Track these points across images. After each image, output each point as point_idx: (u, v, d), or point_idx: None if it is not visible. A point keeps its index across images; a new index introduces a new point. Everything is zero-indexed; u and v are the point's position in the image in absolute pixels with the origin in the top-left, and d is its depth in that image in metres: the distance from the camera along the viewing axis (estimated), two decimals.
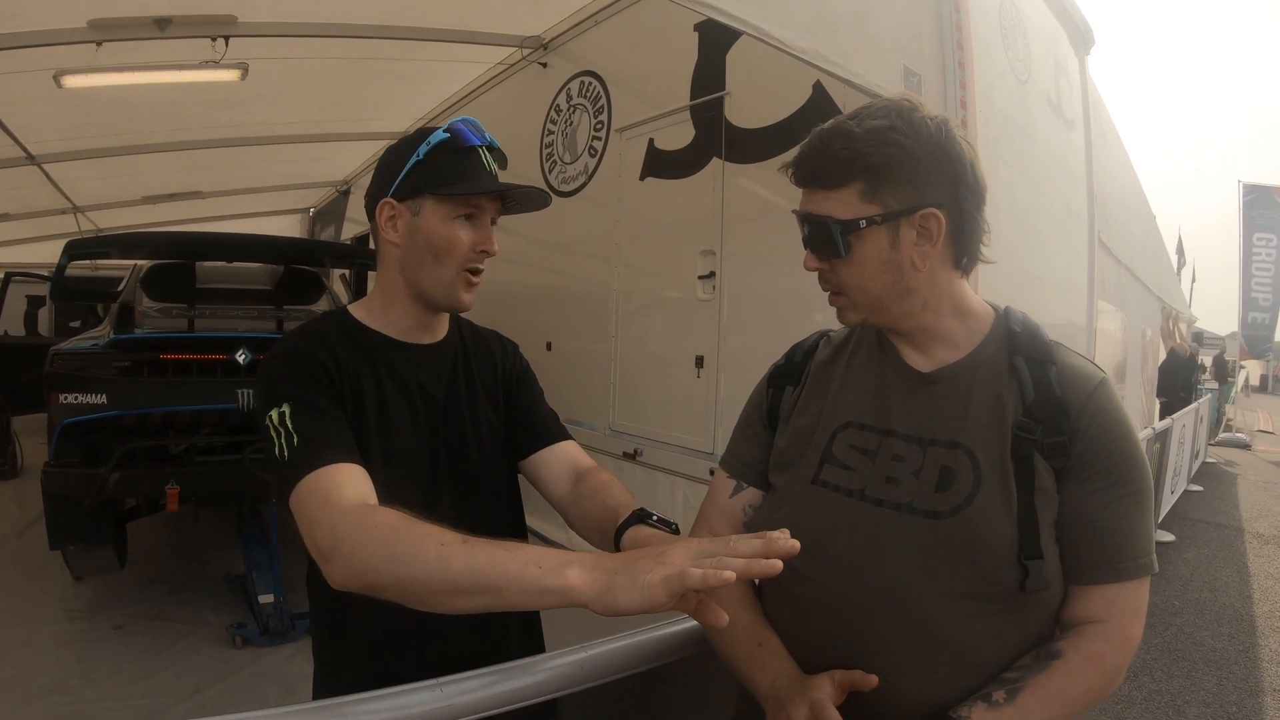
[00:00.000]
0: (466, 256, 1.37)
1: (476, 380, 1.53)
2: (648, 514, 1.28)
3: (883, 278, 1.12)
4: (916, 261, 1.12)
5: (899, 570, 1.08)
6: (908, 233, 1.10)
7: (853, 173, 1.09)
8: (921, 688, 1.06)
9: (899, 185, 1.09)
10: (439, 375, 1.47)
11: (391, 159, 1.40)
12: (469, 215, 1.36)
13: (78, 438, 4.00)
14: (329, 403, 1.27)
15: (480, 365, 1.55)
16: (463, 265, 1.37)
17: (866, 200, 1.09)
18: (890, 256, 1.11)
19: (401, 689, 1.17)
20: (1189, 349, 14.40)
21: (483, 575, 0.96)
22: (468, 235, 1.36)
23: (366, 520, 1.06)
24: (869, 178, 1.09)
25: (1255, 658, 4.63)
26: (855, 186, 1.10)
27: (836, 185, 1.11)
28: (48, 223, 10.60)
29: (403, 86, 7.51)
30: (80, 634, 4.12)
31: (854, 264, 1.13)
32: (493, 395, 1.55)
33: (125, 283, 5.36)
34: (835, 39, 2.91)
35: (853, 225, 1.10)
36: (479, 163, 1.37)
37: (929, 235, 1.11)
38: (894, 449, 1.15)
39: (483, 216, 1.38)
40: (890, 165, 1.08)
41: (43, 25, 4.94)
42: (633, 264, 5.63)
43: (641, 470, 5.24)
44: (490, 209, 1.39)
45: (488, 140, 1.39)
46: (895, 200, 1.09)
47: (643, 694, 1.44)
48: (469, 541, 0.99)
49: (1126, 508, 1.08)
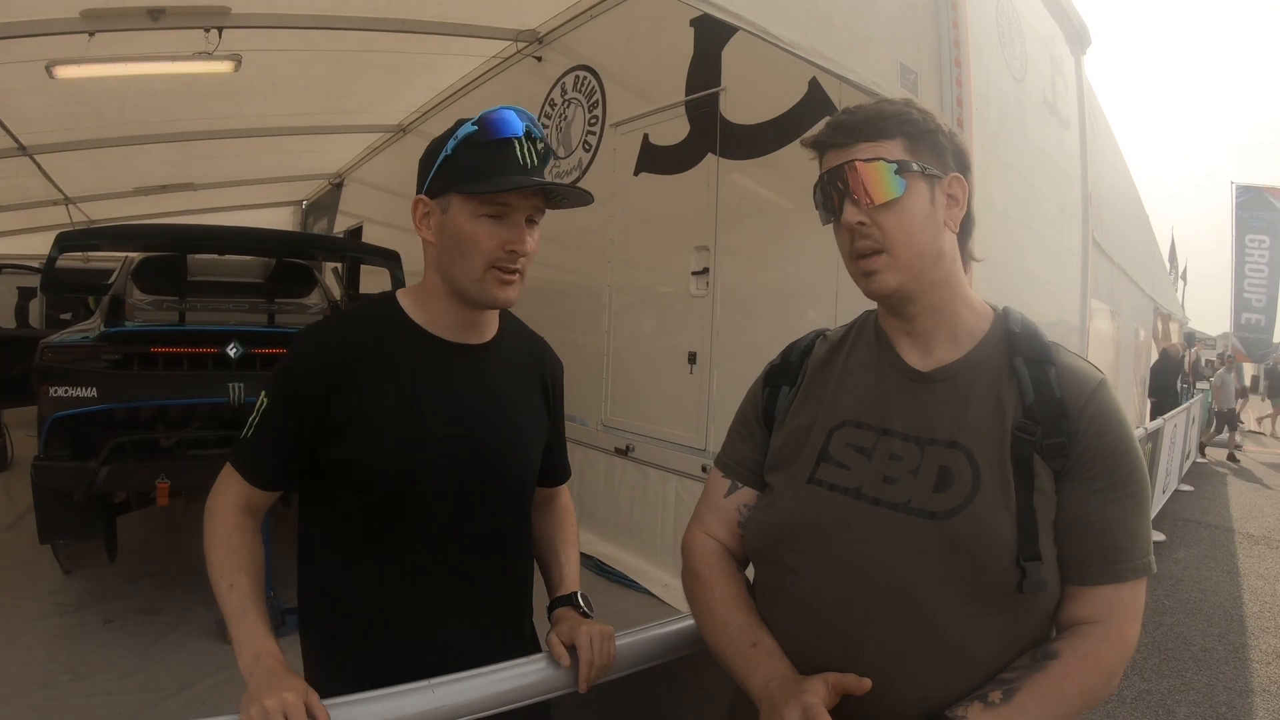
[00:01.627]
0: (493, 255, 1.30)
1: (521, 388, 1.52)
2: (575, 600, 1.47)
3: (926, 231, 1.14)
4: (950, 223, 1.16)
5: (895, 570, 1.08)
6: (940, 196, 1.15)
7: (896, 127, 1.13)
8: (917, 688, 1.06)
9: (930, 151, 1.14)
10: (476, 377, 1.43)
11: (426, 155, 1.37)
12: (496, 214, 1.30)
13: (67, 431, 3.95)
14: (294, 417, 1.35)
15: (528, 375, 1.54)
16: (490, 263, 1.31)
17: (909, 154, 1.13)
18: (930, 212, 1.14)
19: (393, 690, 1.17)
20: (1180, 350, 14.45)
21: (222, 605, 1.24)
22: (495, 233, 1.30)
23: (215, 523, 1.34)
24: (910, 134, 1.13)
25: (1245, 657, 4.65)
26: (899, 140, 1.13)
27: (882, 136, 1.13)
28: (39, 214, 10.55)
29: (396, 79, 7.49)
30: (70, 628, 4.09)
31: (903, 211, 1.12)
32: (533, 408, 1.54)
33: (116, 275, 5.32)
34: (832, 36, 2.90)
35: (907, 165, 1.12)
36: (510, 156, 1.30)
37: (956, 201, 1.16)
38: (891, 448, 1.14)
39: (513, 214, 1.31)
40: (924, 130, 1.14)
41: (35, 15, 4.91)
42: (626, 259, 5.62)
43: (633, 466, 5.24)
44: (523, 206, 1.31)
45: (520, 131, 1.31)
46: (930, 162, 1.14)
47: (636, 694, 1.44)
48: (234, 587, 1.25)
49: (1125, 509, 1.07)
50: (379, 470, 1.34)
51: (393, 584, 1.39)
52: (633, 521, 5.16)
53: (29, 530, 4.33)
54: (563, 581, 1.54)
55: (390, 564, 1.39)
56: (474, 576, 1.44)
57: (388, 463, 1.34)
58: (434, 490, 1.38)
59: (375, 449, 1.34)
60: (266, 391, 1.36)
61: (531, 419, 1.53)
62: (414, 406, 1.36)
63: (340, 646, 1.43)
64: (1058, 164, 5.51)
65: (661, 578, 4.83)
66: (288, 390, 1.35)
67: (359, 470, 1.35)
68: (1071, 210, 5.74)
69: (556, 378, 1.62)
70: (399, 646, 1.39)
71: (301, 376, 1.35)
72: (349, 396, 1.33)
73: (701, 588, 1.27)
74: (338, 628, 1.43)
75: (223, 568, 1.24)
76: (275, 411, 1.34)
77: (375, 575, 1.39)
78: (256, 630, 1.16)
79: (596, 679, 1.30)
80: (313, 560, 1.46)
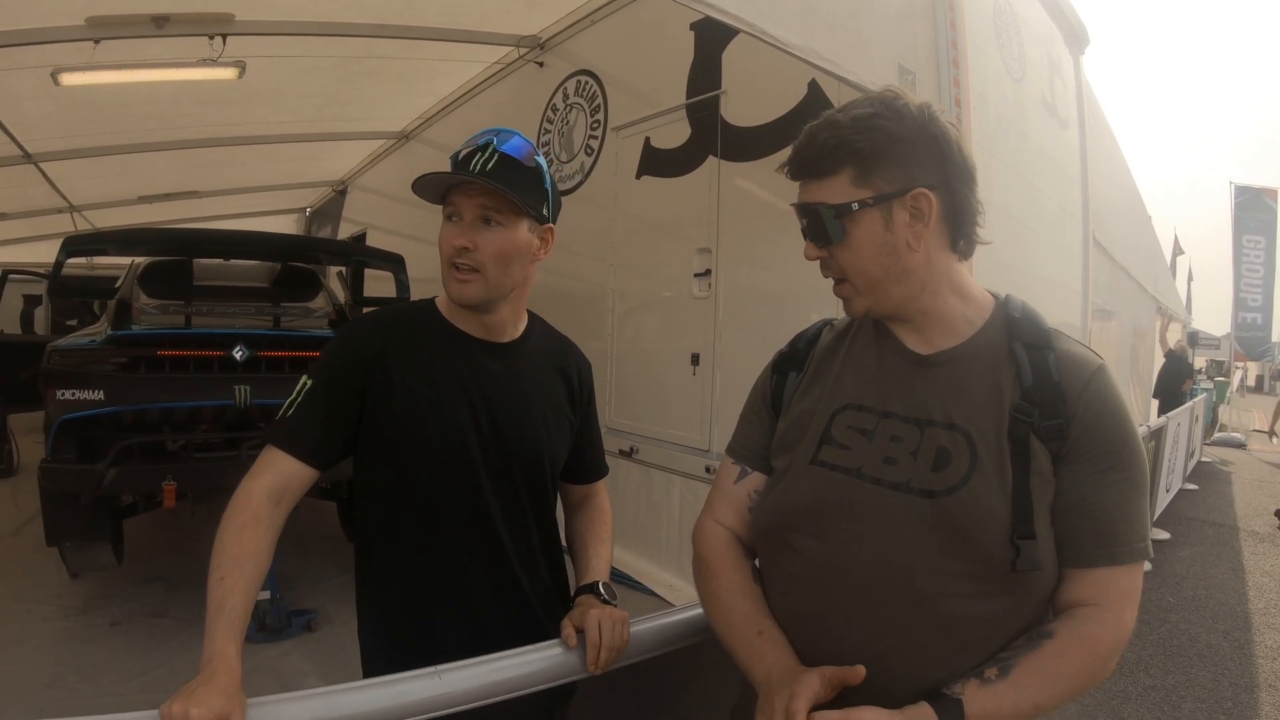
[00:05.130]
0: (448, 254, 1.44)
1: (545, 384, 1.60)
2: (596, 587, 1.52)
3: (881, 260, 1.15)
4: (911, 242, 1.14)
5: (895, 548, 1.09)
6: (900, 214, 1.13)
7: (841, 159, 1.13)
8: (914, 664, 1.07)
9: (887, 168, 1.12)
10: (501, 373, 1.53)
11: None
12: (450, 215, 1.45)
13: (75, 434, 3.98)
14: (337, 398, 1.43)
15: (553, 372, 1.63)
16: (448, 262, 1.45)
17: (857, 185, 1.13)
18: (885, 239, 1.14)
19: (400, 676, 1.19)
20: (1184, 351, 14.43)
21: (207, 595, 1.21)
22: (448, 234, 1.45)
23: (237, 509, 1.32)
24: (858, 163, 1.12)
25: (1250, 654, 4.65)
26: (845, 173, 1.13)
27: (827, 173, 1.14)
28: (44, 222, 10.60)
29: (400, 86, 7.51)
30: (77, 630, 4.11)
31: (850, 248, 1.15)
32: (557, 403, 1.61)
33: (122, 280, 5.35)
34: (831, 37, 2.93)
35: (845, 209, 1.13)
36: (464, 162, 1.44)
37: (921, 216, 1.13)
38: (892, 430, 1.16)
39: (462, 215, 1.44)
40: (877, 149, 1.12)
41: (41, 23, 4.94)
42: (629, 262, 5.64)
43: (638, 468, 5.25)
44: (468, 205, 1.43)
45: (482, 142, 1.44)
46: (885, 183, 1.12)
47: (653, 678, 1.46)
48: (223, 580, 1.21)
49: (1122, 492, 1.08)
50: (408, 457, 1.45)
51: (419, 565, 1.49)
52: (637, 523, 5.17)
53: (36, 534, 4.35)
54: (587, 571, 1.60)
55: (418, 546, 1.48)
56: (498, 563, 1.52)
57: (417, 450, 1.45)
58: (460, 475, 1.47)
59: (406, 437, 1.44)
60: (310, 374, 1.44)
61: (555, 414, 1.60)
62: (442, 397, 1.46)
63: (376, 630, 1.53)
64: (1057, 163, 5.53)
65: (666, 579, 4.84)
66: (331, 374, 1.44)
67: (390, 456, 1.46)
68: (1071, 210, 5.75)
69: (584, 376, 1.70)
70: (428, 631, 1.48)
71: (344, 363, 1.45)
72: (384, 386, 1.44)
73: (709, 575, 1.29)
74: (377, 610, 1.54)
75: (221, 558, 1.24)
76: (317, 390, 1.42)
77: (405, 558, 1.49)
78: (223, 631, 1.16)
79: (609, 662, 1.33)
80: (359, 544, 1.57)
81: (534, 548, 1.58)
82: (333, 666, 3.67)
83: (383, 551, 1.52)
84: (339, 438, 1.44)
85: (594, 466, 1.77)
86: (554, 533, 1.65)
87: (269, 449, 1.39)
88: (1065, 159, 5.74)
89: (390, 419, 1.44)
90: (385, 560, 1.51)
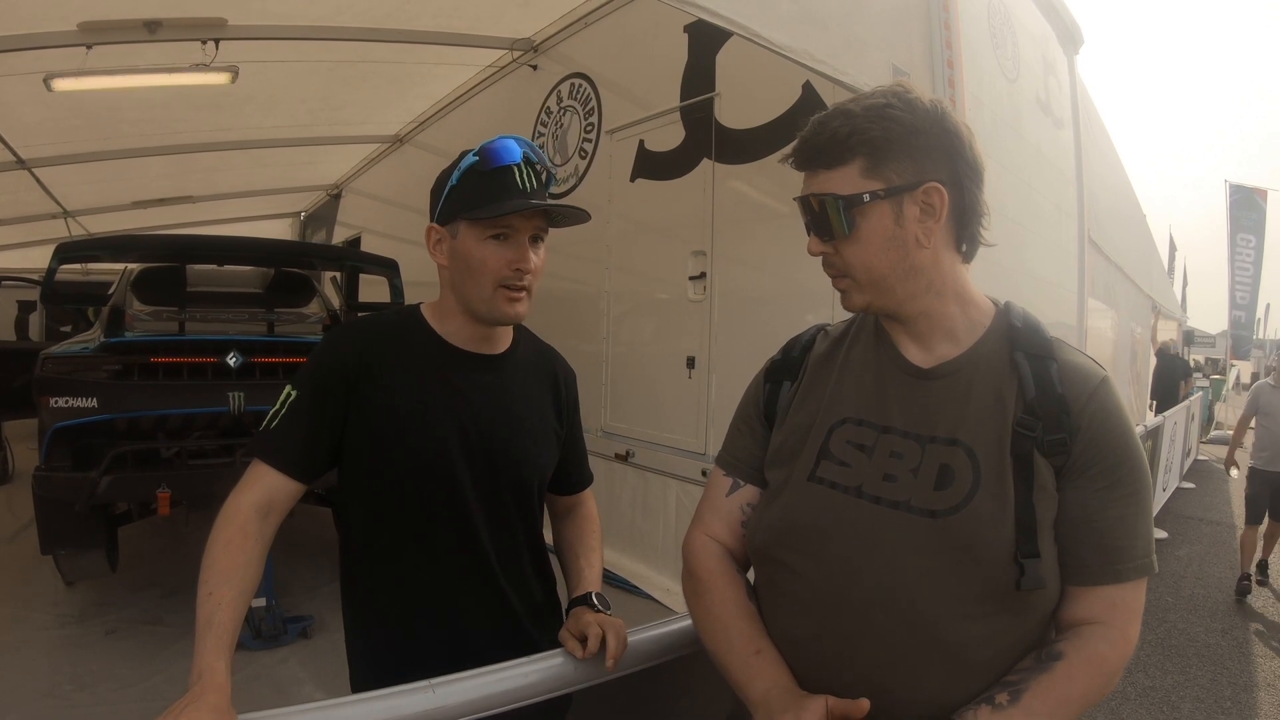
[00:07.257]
0: (500, 275, 1.40)
1: (534, 397, 1.58)
2: (590, 599, 1.47)
3: (888, 255, 1.11)
4: (921, 238, 1.10)
5: (896, 570, 1.06)
6: (910, 209, 1.09)
7: (853, 148, 1.09)
8: (916, 688, 1.05)
9: (900, 160, 1.08)
10: (491, 386, 1.50)
11: (435, 185, 1.47)
12: (500, 235, 1.39)
13: (69, 441, 3.96)
14: (321, 409, 1.40)
15: (540, 384, 1.60)
16: (498, 282, 1.40)
17: (868, 176, 1.09)
18: (895, 233, 1.10)
19: (393, 690, 1.17)
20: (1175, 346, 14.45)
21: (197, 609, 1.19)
22: (501, 254, 1.39)
23: (224, 523, 1.30)
24: (870, 153, 1.08)
25: (1248, 653, 4.65)
26: (857, 163, 1.09)
27: (838, 163, 1.10)
28: (37, 228, 10.56)
29: (393, 89, 7.50)
30: (72, 639, 4.09)
31: (859, 242, 1.11)
32: (544, 416, 1.59)
33: (116, 286, 5.33)
34: (824, 38, 2.91)
35: (856, 200, 1.09)
36: (510, 181, 1.39)
37: (932, 211, 1.10)
38: (892, 446, 1.13)
39: (516, 235, 1.40)
40: (890, 140, 1.08)
41: (33, 28, 4.93)
42: (624, 265, 5.63)
43: (634, 472, 5.24)
44: (526, 226, 1.40)
45: (518, 158, 1.40)
46: (897, 175, 1.08)
47: (647, 690, 1.45)
48: (212, 595, 1.20)
49: (1126, 508, 1.06)
50: (392, 469, 1.42)
51: (404, 579, 1.47)
52: (634, 527, 5.16)
53: (30, 542, 4.33)
54: (580, 583, 1.56)
55: (403, 560, 1.46)
56: (484, 576, 1.50)
57: (401, 462, 1.42)
58: (445, 489, 1.44)
59: (390, 448, 1.41)
60: (293, 384, 1.42)
61: (543, 427, 1.58)
62: (428, 409, 1.43)
63: (361, 643, 1.52)
64: (1053, 163, 5.52)
65: (663, 583, 4.83)
66: (314, 384, 1.41)
67: (374, 467, 1.43)
68: (1068, 209, 5.74)
69: (569, 385, 1.67)
70: (411, 643, 1.46)
71: (327, 373, 1.42)
72: (369, 396, 1.41)
73: (702, 591, 1.25)
74: (360, 622, 1.52)
75: (210, 573, 1.23)
76: (301, 401, 1.40)
77: (390, 570, 1.47)
78: (212, 647, 1.14)
79: (614, 654, 1.31)
80: (344, 552, 1.56)
81: (522, 562, 1.55)
82: (329, 673, 3.65)
83: (365, 562, 1.49)
84: (324, 449, 1.42)
85: (580, 476, 1.75)
86: (542, 546, 1.63)
87: (255, 463, 1.37)
88: (1061, 159, 5.73)
89: (372, 429, 1.41)
90: (368, 571, 1.49)
